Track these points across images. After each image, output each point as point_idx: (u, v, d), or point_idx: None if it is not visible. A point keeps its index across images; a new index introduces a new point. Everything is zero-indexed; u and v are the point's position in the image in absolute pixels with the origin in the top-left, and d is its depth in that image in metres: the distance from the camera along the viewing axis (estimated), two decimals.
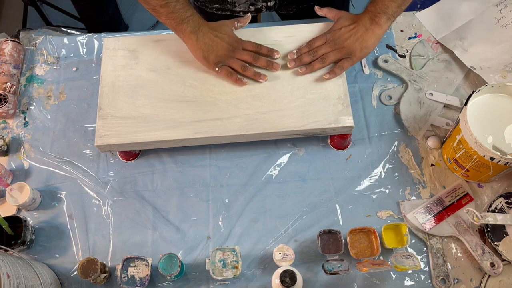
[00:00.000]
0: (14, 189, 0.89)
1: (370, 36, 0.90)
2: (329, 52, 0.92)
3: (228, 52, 0.91)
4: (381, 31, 0.90)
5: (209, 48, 0.89)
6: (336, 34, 0.92)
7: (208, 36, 0.89)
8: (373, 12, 0.90)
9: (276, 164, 0.96)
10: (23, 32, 1.12)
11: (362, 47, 0.91)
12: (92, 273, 0.82)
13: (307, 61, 0.92)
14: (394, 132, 0.98)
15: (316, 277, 0.86)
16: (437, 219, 0.88)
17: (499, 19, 1.04)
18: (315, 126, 0.89)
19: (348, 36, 0.91)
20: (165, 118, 0.90)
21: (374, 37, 0.90)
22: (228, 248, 0.85)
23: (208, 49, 0.89)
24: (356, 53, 0.91)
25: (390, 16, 0.89)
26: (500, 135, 0.83)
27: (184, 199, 0.93)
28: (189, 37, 0.89)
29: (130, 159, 0.97)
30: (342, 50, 0.91)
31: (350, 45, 0.91)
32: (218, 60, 0.90)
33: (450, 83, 1.01)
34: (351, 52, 0.91)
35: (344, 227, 0.90)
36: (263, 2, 1.06)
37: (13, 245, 0.85)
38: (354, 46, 0.91)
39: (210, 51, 0.90)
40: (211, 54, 0.90)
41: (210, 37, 0.89)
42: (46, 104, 1.03)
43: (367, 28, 0.90)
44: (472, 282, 0.85)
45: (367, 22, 0.90)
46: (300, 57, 0.93)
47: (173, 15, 0.86)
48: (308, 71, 0.92)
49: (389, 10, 0.88)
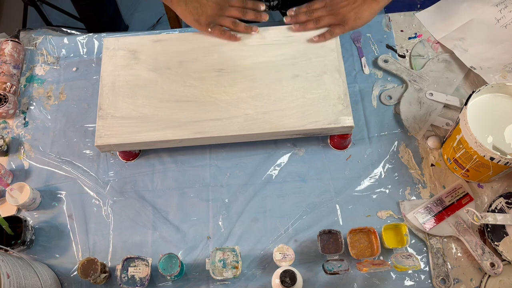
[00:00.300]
0: (14, 189, 0.89)
1: (366, 9, 0.93)
2: (325, 15, 0.95)
3: (217, 11, 0.94)
4: (377, 6, 0.93)
5: (199, 11, 0.93)
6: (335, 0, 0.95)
7: (196, 0, 0.93)
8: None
9: (276, 164, 0.96)
10: (23, 32, 1.12)
11: (356, 17, 0.93)
12: (92, 273, 0.82)
13: (302, 20, 0.96)
14: (394, 132, 0.98)
15: (316, 277, 0.86)
16: (437, 219, 0.88)
17: (499, 19, 1.04)
18: (315, 126, 0.89)
19: (346, 4, 0.94)
20: (165, 118, 0.90)
21: (370, 10, 0.93)
22: (228, 248, 0.85)
23: (198, 12, 0.93)
24: (349, 21, 0.94)
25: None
26: (500, 135, 0.83)
27: (184, 199, 0.93)
28: (178, 3, 0.92)
29: (130, 159, 0.97)
30: (336, 16, 0.94)
31: (345, 12, 0.94)
32: (209, 21, 0.94)
33: (450, 83, 1.01)
34: (345, 19, 0.94)
35: (344, 227, 0.90)
36: (266, 2, 1.06)
37: (13, 245, 0.85)
38: (349, 14, 0.93)
39: (200, 13, 0.93)
40: (202, 16, 0.93)
41: (198, 1, 0.93)
42: (46, 104, 1.03)
43: (365, 1, 0.93)
44: (472, 282, 0.85)
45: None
46: (297, 15, 0.97)
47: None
48: (301, 29, 0.96)
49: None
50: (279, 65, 0.95)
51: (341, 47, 0.97)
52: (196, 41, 0.97)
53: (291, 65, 0.94)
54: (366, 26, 1.08)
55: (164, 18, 1.91)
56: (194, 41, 0.97)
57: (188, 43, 0.98)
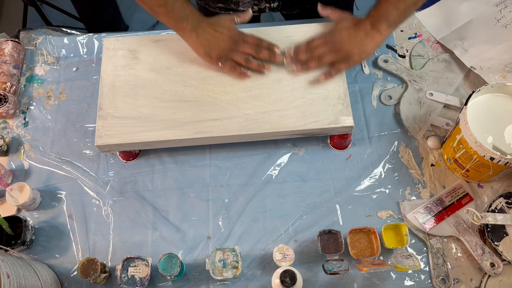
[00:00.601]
0: (14, 189, 0.89)
1: (369, 42, 0.88)
2: (326, 52, 0.90)
3: (230, 45, 0.90)
4: (381, 38, 0.88)
5: (211, 44, 0.89)
6: (336, 35, 0.90)
7: (208, 32, 0.88)
8: (375, 17, 0.87)
9: (276, 164, 0.96)
10: (23, 32, 1.12)
11: (360, 52, 0.89)
12: (92, 273, 0.82)
13: (303, 59, 0.92)
14: (394, 132, 0.98)
15: (316, 277, 0.86)
16: (437, 219, 0.88)
17: (499, 19, 1.04)
18: (315, 126, 0.89)
19: (348, 38, 0.89)
20: (165, 118, 0.90)
21: (373, 43, 0.88)
22: (228, 248, 0.85)
23: (210, 45, 0.89)
24: (353, 56, 0.89)
25: (391, 24, 0.87)
26: (500, 135, 0.83)
27: (184, 199, 0.93)
28: (189, 34, 0.88)
29: (130, 159, 0.97)
30: (339, 52, 0.90)
31: (348, 48, 0.89)
32: (221, 55, 0.90)
33: (450, 83, 1.01)
34: (349, 55, 0.89)
35: (344, 227, 0.90)
36: (267, 3, 1.06)
37: (13, 245, 0.85)
38: (353, 49, 0.89)
39: (212, 46, 0.89)
40: (213, 50, 0.89)
41: (210, 32, 0.88)
42: (46, 104, 1.03)
43: (367, 33, 0.88)
44: (472, 282, 0.85)
45: (368, 27, 0.88)
46: (297, 54, 0.92)
47: (172, 14, 0.86)
48: (303, 70, 0.91)
49: (390, 17, 0.86)
50: (279, 65, 0.95)
51: None
52: None
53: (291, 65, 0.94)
54: None
55: None
56: None
57: None
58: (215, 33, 0.89)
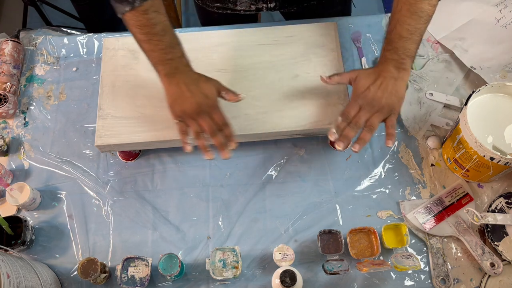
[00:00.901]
0: (14, 189, 0.89)
1: (401, 85, 0.82)
2: (371, 117, 0.82)
3: (193, 112, 0.81)
4: (408, 75, 0.83)
5: (177, 99, 0.81)
6: (367, 96, 0.81)
7: (180, 87, 0.81)
8: (397, 60, 0.81)
9: (276, 164, 0.96)
10: (23, 32, 1.12)
11: (398, 99, 0.82)
12: (92, 273, 0.82)
13: (353, 136, 0.83)
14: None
15: (316, 277, 0.86)
16: (437, 219, 0.88)
17: (499, 19, 1.04)
18: (315, 126, 0.89)
19: (382, 93, 0.81)
20: (165, 118, 0.90)
21: (404, 84, 0.83)
22: (228, 248, 0.85)
23: (175, 99, 0.82)
24: (396, 106, 0.82)
25: (413, 57, 0.82)
26: (500, 135, 0.83)
27: (184, 199, 0.93)
28: (162, 79, 0.83)
29: (130, 159, 0.97)
30: (383, 110, 0.82)
31: (388, 102, 0.81)
32: (180, 115, 0.82)
33: (450, 83, 1.01)
34: (392, 107, 0.82)
35: (344, 227, 0.90)
36: (264, 3, 1.06)
37: (13, 245, 0.85)
38: (392, 100, 0.81)
39: (176, 102, 0.82)
40: (176, 106, 0.82)
41: (182, 88, 0.81)
42: (46, 104, 1.03)
43: (396, 78, 0.81)
44: (472, 282, 0.85)
45: (394, 72, 0.81)
46: (344, 134, 0.82)
47: (153, 54, 0.81)
48: (362, 146, 0.82)
49: (411, 53, 0.81)
50: (279, 65, 0.95)
51: (341, 47, 0.97)
52: (196, 41, 0.97)
53: (291, 65, 0.94)
54: (366, 26, 1.08)
55: None
56: (194, 41, 0.97)
57: (188, 43, 0.97)
58: (187, 91, 0.81)
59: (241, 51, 0.96)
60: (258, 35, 0.98)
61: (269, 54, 0.96)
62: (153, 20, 0.77)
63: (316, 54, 0.95)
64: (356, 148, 0.82)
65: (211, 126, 0.82)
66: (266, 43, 0.97)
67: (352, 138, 0.82)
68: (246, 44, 0.97)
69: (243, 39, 0.97)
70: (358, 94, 0.83)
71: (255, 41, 0.97)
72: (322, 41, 0.97)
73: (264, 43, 0.97)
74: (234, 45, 0.97)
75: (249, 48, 0.97)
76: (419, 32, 0.80)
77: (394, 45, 0.81)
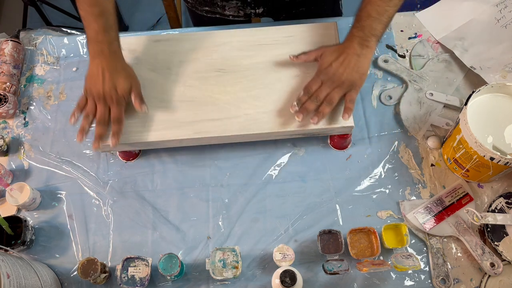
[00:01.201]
0: (14, 189, 0.89)
1: (364, 62, 0.85)
2: (331, 91, 0.86)
3: (96, 95, 0.86)
4: (372, 53, 0.86)
5: (91, 78, 0.86)
6: (329, 72, 0.86)
7: (98, 69, 0.85)
8: (362, 37, 0.85)
9: (276, 164, 0.96)
10: (23, 32, 1.12)
11: (360, 75, 0.86)
12: (92, 273, 0.82)
13: (313, 109, 0.86)
14: (394, 132, 0.98)
15: (316, 277, 0.86)
16: (437, 219, 0.88)
17: (499, 19, 1.04)
18: (315, 126, 0.89)
19: (343, 69, 0.85)
20: (165, 118, 0.90)
21: (367, 61, 0.86)
22: (228, 248, 0.85)
23: (90, 78, 0.86)
24: (357, 82, 0.86)
25: (379, 38, 0.85)
26: (500, 135, 0.83)
27: (184, 199, 0.93)
28: (90, 57, 0.87)
29: (130, 159, 0.97)
30: (343, 86, 0.86)
31: (348, 78, 0.85)
32: (87, 91, 0.87)
33: (450, 83, 1.01)
34: (352, 83, 0.86)
35: (344, 227, 0.90)
36: (252, 9, 1.06)
37: (13, 245, 0.85)
38: (353, 77, 0.85)
39: (89, 81, 0.86)
40: (87, 83, 0.87)
41: (98, 71, 0.85)
42: (46, 104, 1.03)
43: (358, 55, 0.85)
44: (472, 282, 0.85)
45: (357, 49, 0.85)
46: (304, 106, 0.86)
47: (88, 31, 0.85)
48: (320, 119, 0.86)
49: (377, 32, 0.84)
50: (279, 65, 0.95)
51: None
52: (196, 41, 0.97)
53: (291, 65, 0.94)
54: None
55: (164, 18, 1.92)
56: (194, 41, 0.98)
57: (188, 43, 0.98)
58: (99, 75, 0.85)
59: (241, 51, 0.96)
60: (258, 35, 0.98)
61: (269, 54, 0.96)
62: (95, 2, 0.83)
63: None
64: (314, 120, 0.86)
65: (102, 116, 0.86)
66: (266, 43, 0.97)
67: (312, 110, 0.87)
68: (246, 44, 0.97)
69: (243, 39, 0.97)
70: (321, 70, 0.87)
71: (255, 41, 0.97)
72: (322, 41, 0.97)
73: (264, 43, 0.97)
74: (234, 45, 0.97)
75: (249, 48, 0.97)
76: (388, 14, 0.84)
77: (361, 23, 0.85)
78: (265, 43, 0.97)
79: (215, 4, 1.06)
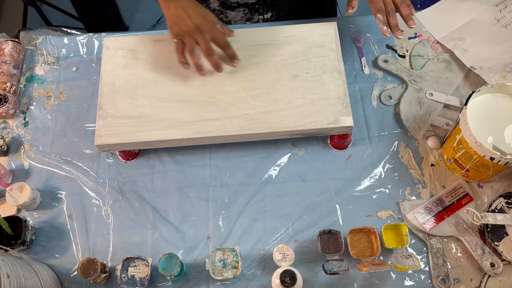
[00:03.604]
0: (14, 189, 0.89)
1: None
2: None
3: (191, 30, 0.87)
4: None
5: (176, 20, 0.88)
6: None
7: (178, 10, 0.87)
8: None
9: (276, 164, 0.96)
10: (23, 32, 1.12)
11: None
12: (92, 273, 0.82)
13: (397, 21, 0.90)
14: (394, 132, 0.98)
15: (316, 277, 0.86)
16: (437, 219, 0.88)
17: (499, 19, 1.04)
18: (315, 126, 0.89)
19: None
20: (165, 118, 0.90)
21: None
22: (228, 248, 0.85)
23: (175, 21, 0.88)
24: None
25: None
26: (500, 135, 0.83)
27: (184, 199, 0.93)
28: (161, 4, 0.89)
29: (130, 159, 0.97)
30: None
31: None
32: (179, 34, 0.89)
33: (450, 83, 1.01)
34: None
35: (344, 227, 0.90)
36: (260, 15, 1.06)
37: (13, 245, 0.85)
38: None
39: (175, 23, 0.88)
40: (175, 27, 0.88)
41: (179, 11, 0.87)
42: (46, 104, 1.03)
43: None
44: (472, 282, 0.85)
45: None
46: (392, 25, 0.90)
47: None
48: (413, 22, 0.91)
49: None
50: (279, 65, 0.95)
51: (341, 47, 0.97)
52: None
53: (291, 65, 0.94)
54: (366, 26, 1.08)
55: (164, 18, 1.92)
56: None
57: None
58: (183, 13, 0.87)
59: (241, 51, 0.96)
60: (258, 35, 0.98)
61: (269, 54, 0.96)
62: None
63: (316, 54, 0.95)
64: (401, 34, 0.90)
65: (207, 45, 0.87)
66: (266, 43, 0.97)
67: (397, 23, 0.90)
68: (246, 44, 0.97)
69: (243, 39, 0.97)
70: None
71: (255, 41, 0.97)
72: (322, 41, 0.97)
73: (264, 43, 0.97)
74: (234, 45, 0.97)
75: (249, 48, 0.97)
76: None
77: None
78: (265, 43, 0.97)
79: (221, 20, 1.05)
